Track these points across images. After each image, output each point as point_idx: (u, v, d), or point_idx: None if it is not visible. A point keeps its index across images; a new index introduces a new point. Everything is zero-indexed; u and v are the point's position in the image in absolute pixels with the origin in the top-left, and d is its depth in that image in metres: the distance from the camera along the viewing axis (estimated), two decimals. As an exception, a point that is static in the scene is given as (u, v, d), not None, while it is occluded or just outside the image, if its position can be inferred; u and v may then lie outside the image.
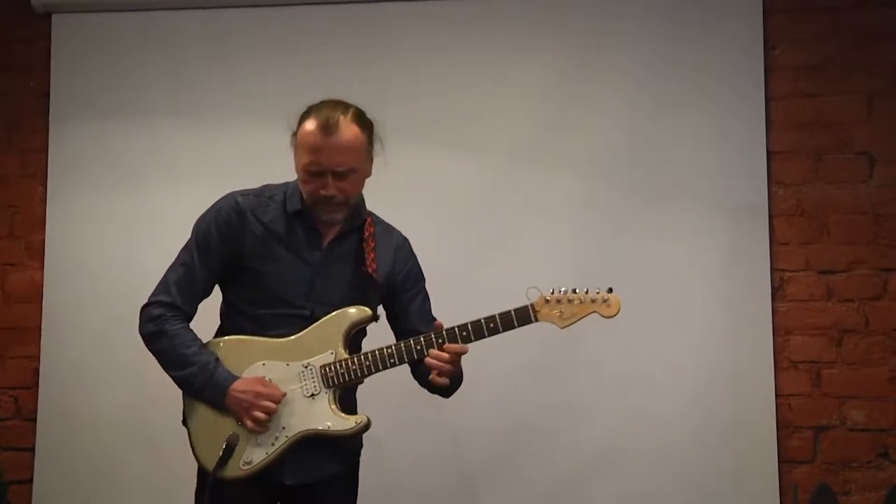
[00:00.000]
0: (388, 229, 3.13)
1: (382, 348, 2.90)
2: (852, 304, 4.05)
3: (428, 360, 2.87)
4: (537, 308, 2.87)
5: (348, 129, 2.89)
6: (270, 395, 2.88)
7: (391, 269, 3.06)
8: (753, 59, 4.12)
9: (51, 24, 4.45)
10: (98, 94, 4.40)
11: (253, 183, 4.13)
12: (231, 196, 3.05)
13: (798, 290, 4.08)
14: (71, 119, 4.41)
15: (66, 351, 4.29)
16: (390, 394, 3.37)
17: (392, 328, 3.12)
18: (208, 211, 3.06)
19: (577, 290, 2.87)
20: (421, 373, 2.98)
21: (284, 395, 2.89)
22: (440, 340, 2.88)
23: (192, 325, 3.04)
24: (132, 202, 4.33)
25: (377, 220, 3.11)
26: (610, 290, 2.87)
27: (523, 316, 2.87)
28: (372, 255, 2.98)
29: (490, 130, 4.19)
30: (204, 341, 2.99)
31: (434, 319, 3.04)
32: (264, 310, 2.96)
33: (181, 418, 3.05)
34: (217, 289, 3.09)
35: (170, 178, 4.33)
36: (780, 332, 4.05)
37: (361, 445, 3.10)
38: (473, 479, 4.09)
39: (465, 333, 2.87)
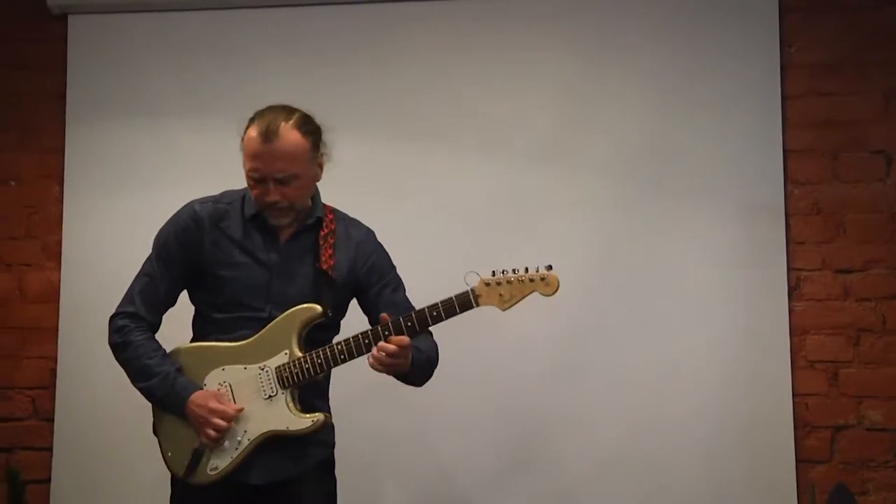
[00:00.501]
0: (351, 224, 3.14)
1: (333, 345, 2.92)
2: (869, 303, 4.04)
3: (372, 353, 2.86)
4: (478, 292, 2.84)
5: (288, 136, 2.93)
6: (222, 413, 2.91)
7: (352, 264, 3.06)
8: (769, 57, 4.11)
9: (67, 25, 4.46)
10: (114, 94, 4.41)
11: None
12: (189, 204, 3.12)
13: (815, 289, 4.07)
14: (87, 119, 4.43)
15: (82, 351, 4.29)
16: (399, 397, 3.39)
17: (369, 323, 3.10)
18: (168, 221, 3.13)
19: (516, 271, 2.82)
20: None
21: (240, 410, 2.93)
22: (386, 333, 2.87)
23: (166, 333, 3.11)
24: (149, 202, 4.31)
25: (339, 217, 3.12)
26: (549, 268, 2.81)
27: (464, 301, 2.84)
28: (329, 251, 3.00)
29: (507, 129, 4.19)
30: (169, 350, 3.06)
31: (411, 307, 3.02)
32: (226, 314, 3.01)
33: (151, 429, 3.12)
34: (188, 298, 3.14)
35: (185, 178, 4.32)
36: (797, 331, 4.04)
37: (332, 442, 3.11)
38: (483, 484, 4.08)
39: (409, 324, 2.86)
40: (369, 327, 2.94)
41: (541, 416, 4.05)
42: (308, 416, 2.92)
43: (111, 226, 4.35)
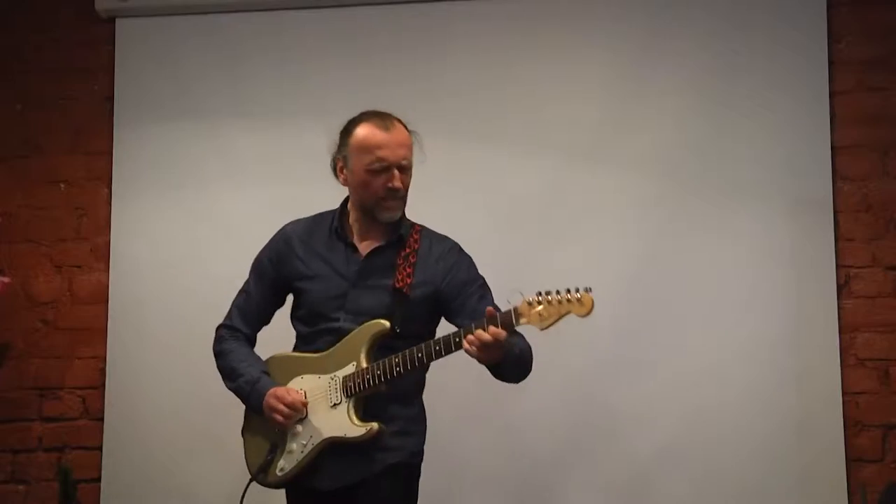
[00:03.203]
0: (436, 240, 3.20)
1: (391, 357, 2.98)
2: (920, 300, 4.00)
3: (467, 339, 2.88)
4: (520, 311, 2.85)
5: (402, 128, 3.11)
6: (286, 400, 3.06)
7: (433, 281, 3.12)
8: (817, 52, 4.08)
9: (114, 28, 4.50)
10: (161, 96, 4.45)
11: (314, 182, 4.20)
12: (284, 227, 3.30)
13: (864, 286, 4.02)
14: (135, 122, 4.47)
15: (131, 351, 4.35)
16: (452, 390, 3.38)
17: None
18: (267, 243, 3.31)
19: (558, 292, 2.82)
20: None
21: (305, 402, 3.07)
22: (437, 348, 2.93)
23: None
24: (195, 203, 4.38)
25: (425, 234, 3.20)
26: (588, 290, 2.80)
27: (506, 321, 2.86)
28: (408, 270, 3.09)
29: (549, 129, 4.19)
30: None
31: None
32: (308, 327, 3.17)
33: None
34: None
35: (232, 179, 4.37)
36: (847, 329, 3.99)
37: (408, 448, 3.11)
38: (535, 477, 4.08)
39: (457, 339, 2.90)
40: (420, 344, 2.97)
41: (590, 413, 4.05)
42: (364, 424, 2.99)
43: (159, 227, 4.39)
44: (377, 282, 3.10)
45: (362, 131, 3.09)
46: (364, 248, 3.15)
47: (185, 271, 4.34)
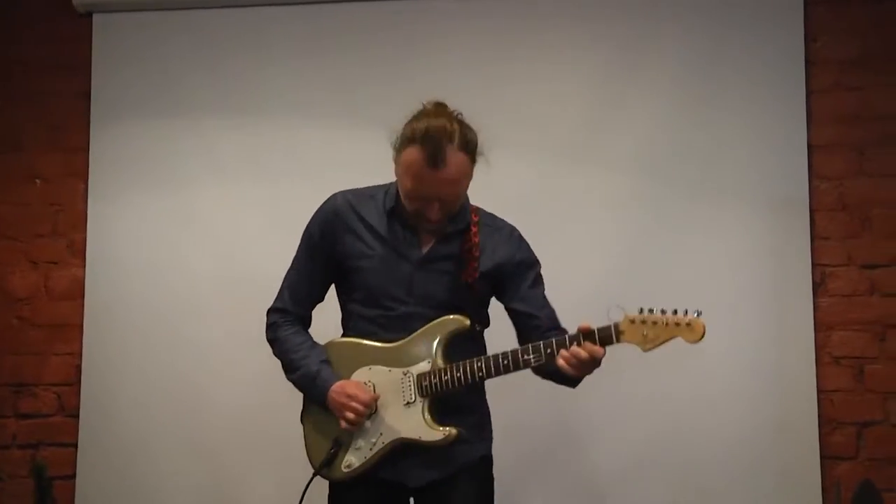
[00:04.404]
0: (495, 227, 3.07)
1: (474, 361, 2.87)
2: (895, 298, 4.00)
3: (561, 355, 2.79)
4: (622, 329, 2.75)
5: (455, 160, 2.84)
6: (360, 398, 2.89)
7: (493, 270, 3.00)
8: (794, 51, 4.09)
9: (92, 23, 4.48)
10: (139, 92, 4.43)
11: (295, 180, 4.21)
12: (333, 195, 3.07)
13: (840, 285, 4.04)
14: (112, 118, 4.45)
15: (107, 348, 4.33)
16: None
17: (509, 317, 3.07)
18: (313, 214, 3.09)
19: (664, 312, 2.71)
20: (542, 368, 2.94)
21: (376, 398, 2.92)
22: (526, 357, 2.83)
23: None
24: (173, 200, 4.36)
25: (483, 222, 3.05)
26: (698, 314, 2.69)
27: (605, 337, 2.76)
28: (473, 264, 2.96)
29: (530, 128, 4.18)
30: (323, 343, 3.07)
31: (544, 305, 3.02)
32: (369, 308, 2.99)
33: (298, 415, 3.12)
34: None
35: (210, 176, 4.36)
36: (822, 327, 4.01)
37: (480, 438, 3.04)
38: (510, 476, 4.04)
39: (549, 351, 2.80)
40: (510, 349, 2.87)
41: (568, 414, 4.04)
42: (441, 429, 2.88)
43: (135, 223, 4.37)
44: (443, 269, 2.96)
45: (410, 156, 2.84)
46: (424, 233, 2.98)
47: (162, 268, 4.33)
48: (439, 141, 2.81)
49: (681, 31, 4.15)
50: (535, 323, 3.00)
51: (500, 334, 3.06)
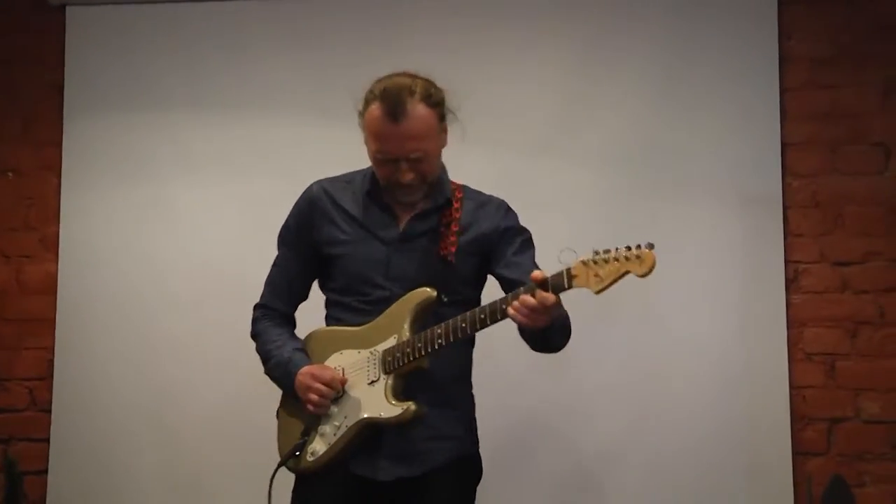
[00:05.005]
0: (480, 203, 2.98)
1: (432, 328, 2.74)
2: (867, 295, 4.03)
3: (511, 305, 2.63)
4: (574, 272, 2.57)
5: (416, 113, 2.78)
6: (322, 378, 2.80)
7: (477, 244, 2.91)
8: (768, 49, 4.10)
9: (65, 16, 4.45)
10: (112, 86, 4.40)
11: (268, 175, 4.19)
12: (310, 185, 3.01)
13: (813, 281, 4.06)
14: (85, 111, 4.42)
15: (80, 342, 4.31)
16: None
17: (502, 290, 2.89)
18: (291, 209, 3.03)
19: (617, 248, 2.53)
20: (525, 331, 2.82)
21: (342, 379, 2.81)
22: (482, 317, 2.68)
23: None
24: (146, 194, 4.34)
25: (468, 196, 2.97)
26: (650, 246, 2.51)
27: (557, 283, 2.59)
28: (451, 238, 2.86)
29: (501, 125, 4.17)
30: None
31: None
32: (348, 297, 2.90)
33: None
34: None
35: (184, 170, 4.34)
36: (795, 324, 4.03)
37: (462, 436, 2.93)
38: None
39: (504, 306, 2.65)
40: (464, 313, 2.72)
41: (538, 409, 4.05)
42: (400, 404, 2.74)
43: (109, 218, 4.35)
44: (420, 247, 2.87)
45: (371, 114, 2.79)
46: (402, 211, 2.89)
47: (135, 263, 4.31)
48: (398, 94, 2.77)
49: (655, 28, 4.15)
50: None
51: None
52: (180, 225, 4.28)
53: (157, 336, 4.24)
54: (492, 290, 2.92)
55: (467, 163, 4.13)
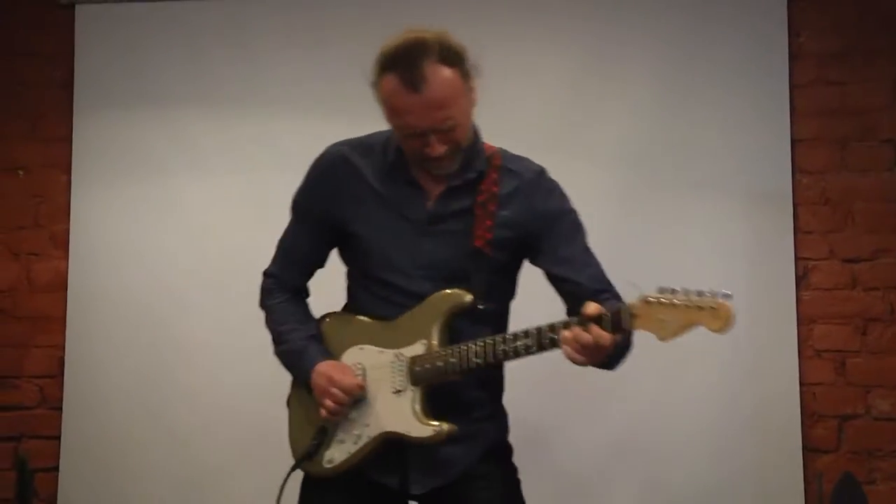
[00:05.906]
0: (517, 172, 2.62)
1: (470, 344, 2.44)
2: (877, 292, 4.03)
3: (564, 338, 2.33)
4: (636, 313, 2.26)
5: (437, 76, 2.40)
6: (342, 384, 2.52)
7: (517, 225, 2.56)
8: (777, 46, 4.10)
9: (74, 14, 4.46)
10: (121, 83, 4.41)
11: (277, 170, 4.19)
12: (329, 148, 2.69)
13: (822, 278, 4.06)
14: (94, 108, 4.43)
15: (91, 340, 4.32)
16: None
17: (547, 278, 2.62)
18: (305, 175, 2.72)
19: (686, 292, 2.22)
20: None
21: (362, 387, 2.53)
22: (527, 343, 2.38)
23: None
24: (156, 190, 4.35)
25: (504, 166, 2.61)
26: (727, 296, 2.19)
27: (615, 322, 2.28)
28: (487, 223, 2.52)
29: (511, 120, 4.15)
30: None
31: (588, 262, 2.61)
32: (371, 280, 2.59)
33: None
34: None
35: (193, 166, 4.35)
36: (805, 320, 4.03)
37: (487, 433, 2.63)
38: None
39: (553, 337, 2.36)
40: (506, 334, 2.45)
41: (545, 405, 4.04)
42: (432, 425, 2.46)
43: (118, 215, 4.36)
44: (453, 228, 2.54)
45: (387, 86, 2.43)
46: (432, 187, 2.56)
47: (144, 259, 4.31)
48: (413, 59, 2.40)
49: (664, 25, 4.15)
50: (572, 289, 2.54)
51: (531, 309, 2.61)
52: (191, 221, 4.29)
53: (168, 333, 4.25)
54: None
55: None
